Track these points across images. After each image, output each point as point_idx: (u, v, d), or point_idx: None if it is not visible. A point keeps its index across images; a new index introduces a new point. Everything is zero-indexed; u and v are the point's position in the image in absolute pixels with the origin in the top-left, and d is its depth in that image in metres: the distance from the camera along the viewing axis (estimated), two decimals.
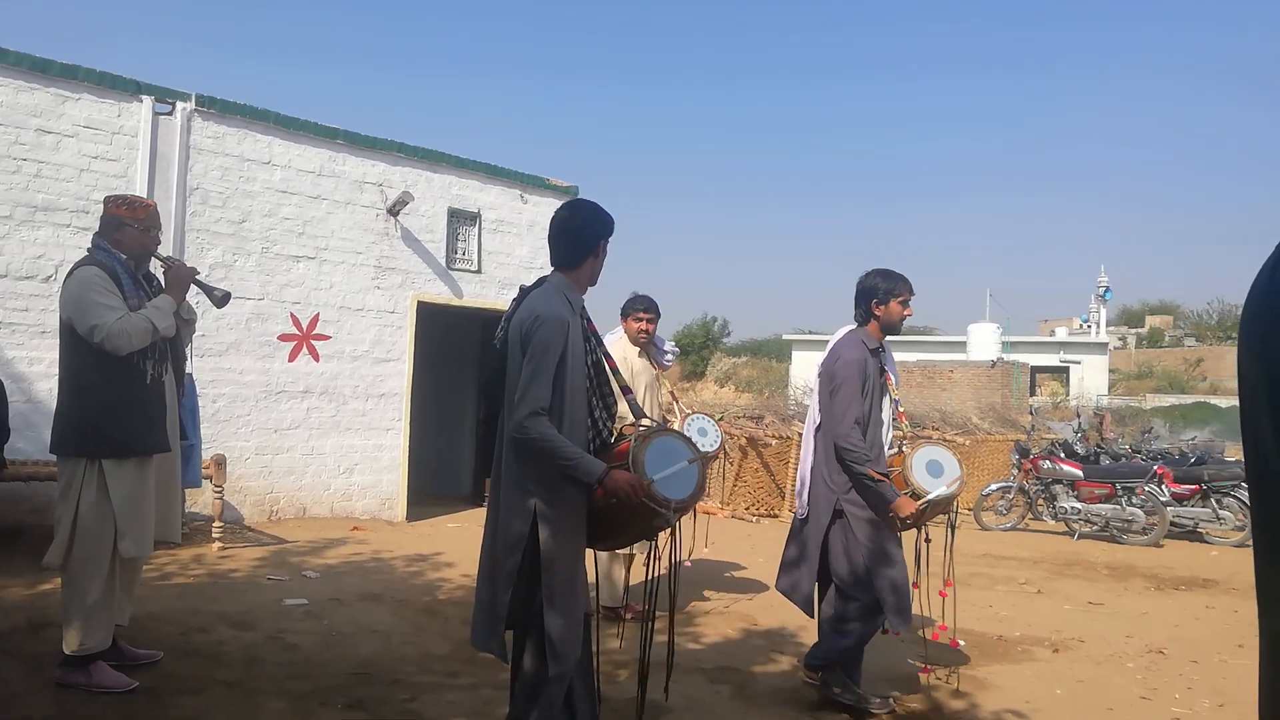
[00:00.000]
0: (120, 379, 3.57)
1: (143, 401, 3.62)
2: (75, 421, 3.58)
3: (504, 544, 2.78)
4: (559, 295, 2.86)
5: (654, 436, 2.89)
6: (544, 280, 2.95)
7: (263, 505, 7.87)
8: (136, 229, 3.75)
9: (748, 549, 7.96)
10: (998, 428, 13.53)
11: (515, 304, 2.92)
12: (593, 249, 2.93)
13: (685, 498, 2.84)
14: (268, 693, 3.71)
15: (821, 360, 4.03)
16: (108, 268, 3.63)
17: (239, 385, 7.72)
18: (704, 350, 41.13)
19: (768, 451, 10.28)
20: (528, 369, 2.72)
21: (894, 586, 3.79)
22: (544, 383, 2.69)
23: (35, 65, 6.74)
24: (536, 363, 2.70)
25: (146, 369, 3.64)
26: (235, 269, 7.68)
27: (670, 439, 2.95)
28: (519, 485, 2.78)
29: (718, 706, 3.86)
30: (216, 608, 4.95)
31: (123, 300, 3.58)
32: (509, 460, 2.81)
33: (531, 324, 2.75)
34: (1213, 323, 47.74)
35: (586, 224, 2.94)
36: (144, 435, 3.61)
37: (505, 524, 2.79)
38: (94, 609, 3.55)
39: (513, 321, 2.87)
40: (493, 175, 9.60)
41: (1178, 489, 9.64)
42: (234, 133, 7.76)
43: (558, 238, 2.95)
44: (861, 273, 4.05)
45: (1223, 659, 4.96)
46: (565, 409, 2.76)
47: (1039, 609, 6.05)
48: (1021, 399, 24.14)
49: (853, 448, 3.73)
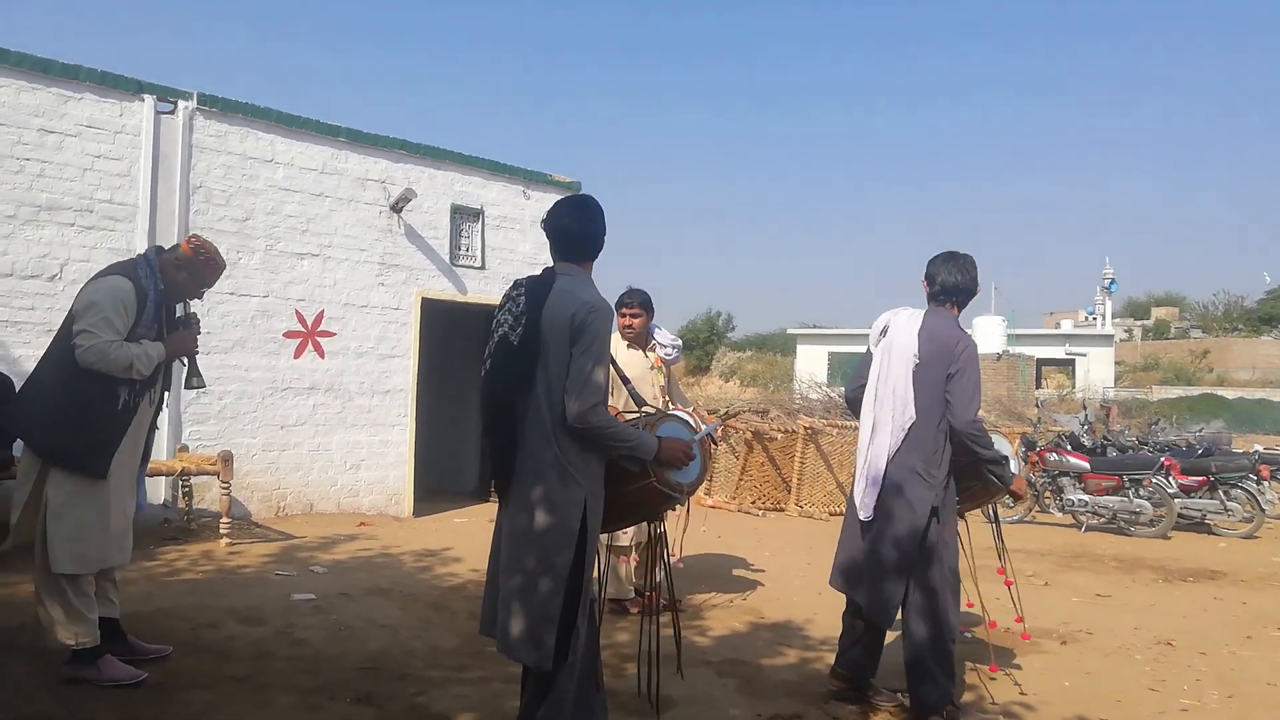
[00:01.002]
0: (91, 394, 3.51)
1: (103, 423, 3.54)
2: (39, 415, 3.55)
3: (555, 541, 2.70)
4: (592, 286, 2.91)
5: (661, 421, 3.09)
6: (554, 272, 2.90)
7: (270, 501, 7.89)
8: (191, 270, 3.73)
9: (754, 543, 7.97)
10: (1004, 420, 13.49)
11: (531, 296, 2.82)
12: (599, 244, 3.01)
13: (693, 480, 3.04)
14: (277, 687, 3.72)
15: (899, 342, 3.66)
16: (141, 290, 3.59)
17: (245, 382, 7.74)
18: (708, 345, 41.17)
19: (773, 446, 10.27)
20: (586, 360, 2.70)
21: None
22: (604, 372, 2.75)
23: (37, 65, 6.75)
24: (597, 353, 2.73)
25: (120, 394, 3.57)
26: (239, 267, 7.69)
27: (673, 423, 3.14)
28: (568, 479, 2.73)
29: (724, 699, 3.86)
30: (225, 603, 4.96)
31: (131, 326, 3.55)
32: (555, 455, 2.73)
33: (586, 314, 2.73)
34: (1219, 314, 47.60)
35: (600, 216, 3.01)
36: (88, 458, 3.51)
37: (551, 521, 2.71)
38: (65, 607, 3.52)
39: (552, 312, 2.75)
40: (495, 171, 9.60)
41: (1185, 481, 9.61)
42: (236, 131, 7.77)
43: (579, 231, 2.94)
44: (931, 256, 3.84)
45: (1231, 650, 4.95)
46: (606, 397, 2.82)
47: (1047, 601, 6.04)
48: (1027, 391, 24.12)
49: (983, 433, 3.63)
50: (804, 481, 10.09)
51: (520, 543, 2.76)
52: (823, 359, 32.51)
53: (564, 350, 2.72)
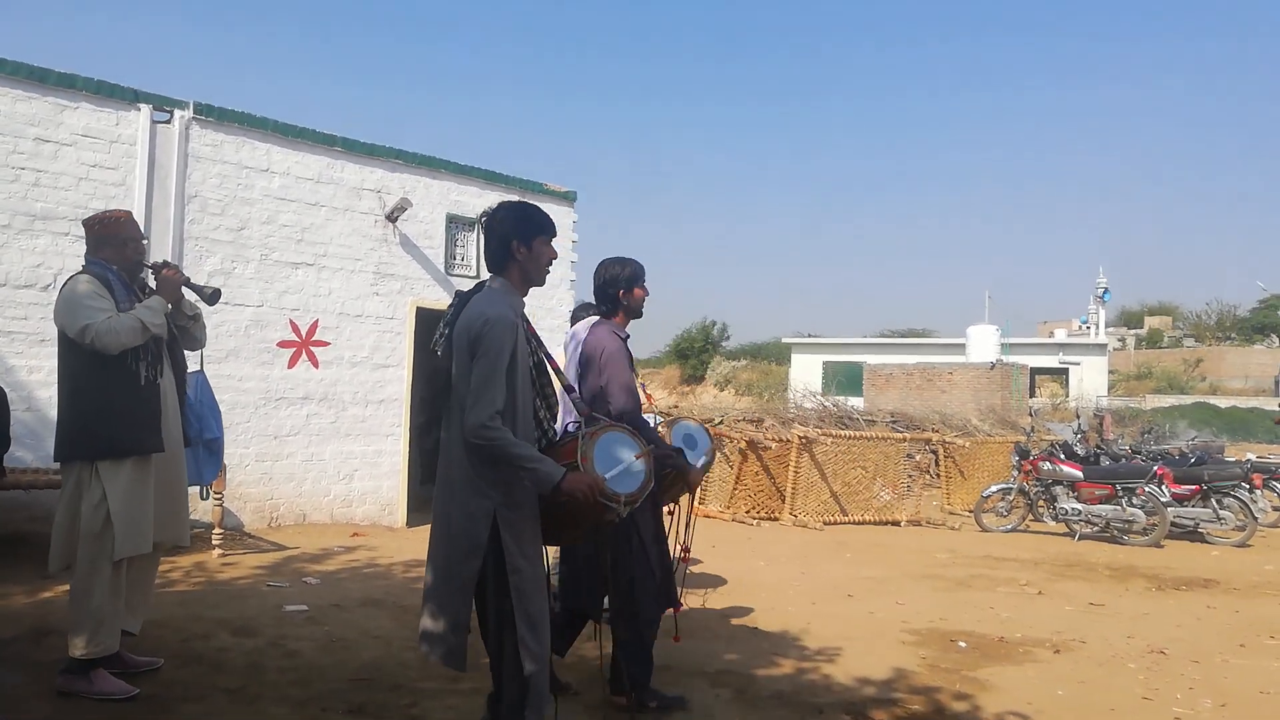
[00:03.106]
0: (113, 381, 3.60)
1: (136, 403, 3.64)
2: (72, 426, 3.63)
3: (462, 550, 2.77)
4: (503, 298, 2.85)
5: (601, 433, 2.93)
6: (484, 284, 2.94)
7: (263, 512, 7.86)
8: (114, 243, 3.82)
9: (749, 552, 7.97)
10: (997, 429, 13.55)
11: (455, 309, 2.90)
12: (508, 252, 2.90)
13: (635, 491, 2.89)
14: (269, 699, 3.71)
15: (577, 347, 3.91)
16: (98, 275, 3.72)
17: (238, 392, 7.72)
18: (703, 354, 41.16)
19: (768, 455, 10.28)
20: (481, 372, 2.69)
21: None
22: (498, 385, 2.68)
23: (33, 74, 6.76)
24: (490, 365, 2.69)
25: (140, 371, 3.66)
26: (234, 276, 7.68)
27: (617, 434, 2.99)
28: (480, 490, 2.75)
29: (719, 709, 3.85)
30: (217, 614, 4.94)
31: (114, 303, 3.63)
32: (464, 466, 2.78)
33: (481, 326, 2.73)
34: (1212, 323, 47.79)
35: (501, 227, 2.91)
36: (137, 436, 3.62)
37: (463, 530, 2.77)
38: (101, 613, 3.56)
39: (457, 326, 2.82)
40: (491, 181, 9.62)
41: (1178, 489, 9.64)
42: (232, 140, 7.78)
43: (485, 241, 2.96)
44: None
45: (1224, 659, 4.96)
46: (516, 411, 2.77)
47: (1040, 610, 6.05)
48: (1021, 400, 24.17)
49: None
50: (798, 491, 10.10)
51: (437, 545, 2.88)
52: (817, 368, 32.56)
53: (467, 363, 2.74)
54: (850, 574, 7.15)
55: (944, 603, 6.16)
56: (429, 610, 2.86)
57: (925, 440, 12.20)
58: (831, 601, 6.11)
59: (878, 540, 9.09)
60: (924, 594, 6.45)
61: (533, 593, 2.77)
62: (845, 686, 4.22)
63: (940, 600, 6.25)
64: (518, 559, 2.76)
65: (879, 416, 13.49)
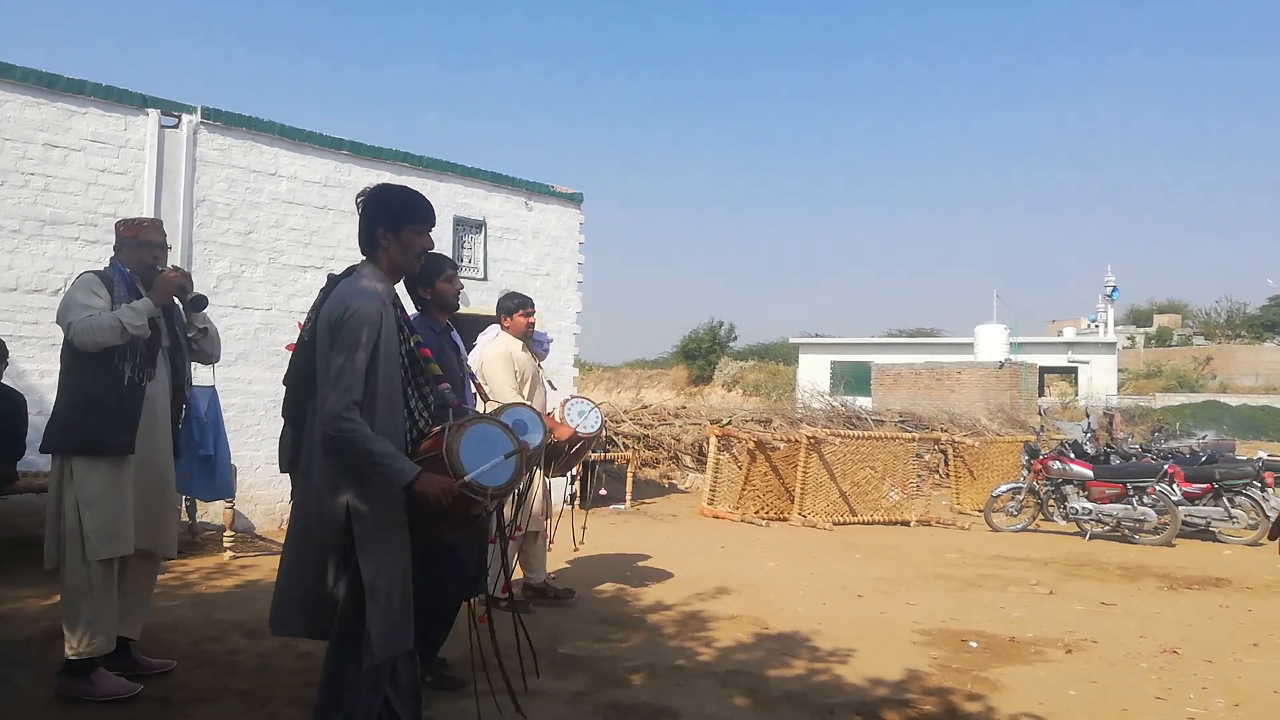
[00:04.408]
0: (96, 379, 3.61)
1: (115, 402, 3.62)
2: (53, 418, 3.67)
3: (321, 541, 2.67)
4: (369, 283, 2.75)
5: (469, 425, 2.78)
6: (354, 269, 2.86)
7: (273, 514, 7.89)
8: (130, 245, 3.88)
9: (758, 553, 7.95)
10: (1007, 429, 13.52)
11: (323, 294, 2.80)
12: (373, 238, 2.81)
13: (502, 484, 2.74)
14: (281, 700, 3.72)
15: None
16: (105, 275, 3.76)
17: (248, 395, 7.75)
18: (711, 355, 41.14)
19: (776, 455, 10.27)
20: (336, 361, 2.59)
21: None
22: (355, 375, 2.59)
23: (42, 80, 6.79)
24: (346, 354, 2.59)
25: (124, 370, 3.65)
26: (243, 280, 7.71)
27: (487, 426, 2.83)
28: (334, 483, 2.65)
29: (729, 711, 3.85)
30: (230, 616, 4.96)
31: (108, 303, 3.65)
32: (319, 457, 2.69)
33: (342, 315, 2.63)
34: (1221, 321, 47.58)
35: (369, 214, 2.82)
36: (109, 436, 3.59)
37: (316, 521, 2.68)
38: (91, 612, 3.54)
39: (321, 313, 2.74)
40: (497, 183, 9.64)
41: (1189, 488, 9.59)
42: (240, 144, 7.81)
43: (358, 224, 2.87)
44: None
45: (1237, 658, 4.93)
46: (378, 403, 2.66)
47: (1051, 610, 6.02)
48: (1030, 400, 24.11)
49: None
50: (807, 491, 10.08)
51: (295, 532, 2.81)
52: (825, 368, 32.49)
53: (327, 353, 2.65)
54: (860, 574, 7.14)
55: (955, 603, 6.13)
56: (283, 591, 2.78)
57: (934, 440, 12.17)
58: (842, 602, 6.09)
59: (887, 540, 9.07)
60: (934, 594, 6.43)
61: (384, 588, 2.64)
62: (856, 687, 4.21)
63: (951, 600, 6.23)
64: (369, 552, 2.63)
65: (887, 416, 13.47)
